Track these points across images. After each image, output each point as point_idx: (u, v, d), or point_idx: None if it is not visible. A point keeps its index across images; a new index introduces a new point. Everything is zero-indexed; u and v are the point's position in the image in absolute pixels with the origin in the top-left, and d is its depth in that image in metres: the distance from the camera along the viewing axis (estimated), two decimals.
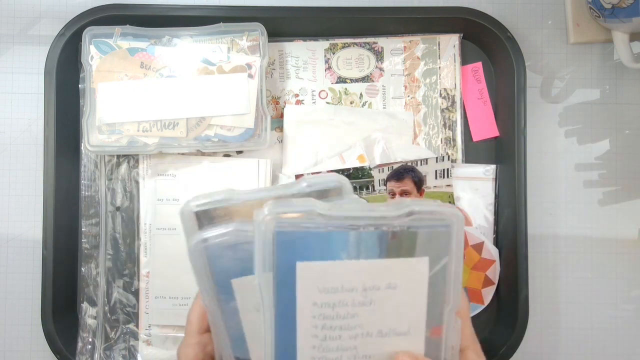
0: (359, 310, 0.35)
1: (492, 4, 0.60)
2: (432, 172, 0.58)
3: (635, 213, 0.61)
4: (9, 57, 0.60)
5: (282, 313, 0.34)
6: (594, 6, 0.56)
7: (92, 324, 0.58)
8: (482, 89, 0.60)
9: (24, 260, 0.59)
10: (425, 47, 0.60)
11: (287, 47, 0.60)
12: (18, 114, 0.59)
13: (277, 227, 0.33)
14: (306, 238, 0.34)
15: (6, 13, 0.60)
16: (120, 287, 0.58)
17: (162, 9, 0.57)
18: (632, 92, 0.61)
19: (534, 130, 0.60)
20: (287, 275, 0.34)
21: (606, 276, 0.60)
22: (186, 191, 0.57)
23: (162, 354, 0.57)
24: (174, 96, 0.55)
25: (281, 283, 0.34)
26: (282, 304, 0.34)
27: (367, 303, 0.35)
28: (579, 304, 0.60)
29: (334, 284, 0.34)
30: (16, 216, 0.59)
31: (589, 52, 0.61)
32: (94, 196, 0.58)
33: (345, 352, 0.35)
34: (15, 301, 0.59)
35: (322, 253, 0.34)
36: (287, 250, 0.33)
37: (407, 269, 0.35)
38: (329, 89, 0.59)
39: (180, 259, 0.57)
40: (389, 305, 0.35)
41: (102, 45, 0.55)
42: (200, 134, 0.55)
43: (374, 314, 0.35)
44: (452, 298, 0.36)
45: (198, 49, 0.56)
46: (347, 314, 0.35)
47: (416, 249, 0.35)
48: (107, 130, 0.55)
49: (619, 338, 0.60)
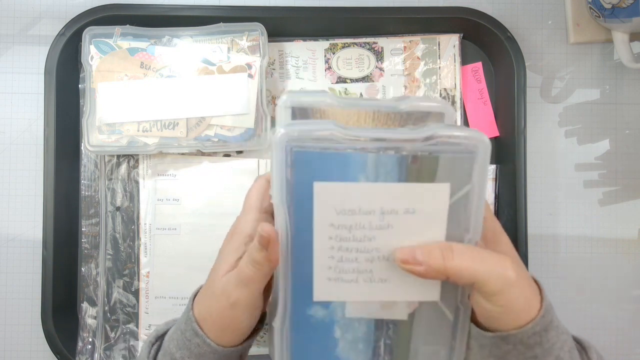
0: (377, 234, 0.34)
1: (492, 4, 0.60)
2: None
3: (635, 213, 0.61)
4: (9, 57, 0.60)
5: (299, 233, 0.34)
6: (594, 6, 0.56)
7: (92, 324, 0.58)
8: (482, 89, 0.60)
9: (24, 260, 0.59)
10: (425, 47, 0.60)
11: (287, 47, 0.60)
12: (18, 114, 0.59)
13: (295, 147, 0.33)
14: (324, 159, 0.33)
15: (6, 13, 0.60)
16: (120, 287, 0.58)
17: (162, 9, 0.57)
18: (632, 92, 0.61)
19: (534, 130, 0.60)
20: (304, 195, 0.33)
21: (606, 276, 0.60)
22: (186, 191, 0.57)
23: None
24: (174, 96, 0.55)
25: (298, 202, 0.34)
26: (298, 224, 0.34)
27: (385, 227, 0.34)
28: (579, 304, 0.60)
29: (352, 205, 0.34)
30: (16, 216, 0.59)
31: (589, 52, 0.61)
32: (94, 196, 0.58)
33: (361, 275, 0.35)
34: (15, 301, 0.59)
35: (340, 175, 0.33)
36: (304, 169, 0.33)
37: (427, 194, 0.34)
38: (329, 89, 0.59)
39: (181, 259, 0.57)
40: (407, 230, 0.34)
41: (102, 45, 0.55)
42: (200, 134, 0.55)
43: (391, 238, 0.34)
44: (473, 227, 0.35)
45: (198, 49, 0.56)
46: (364, 236, 0.34)
47: (437, 174, 0.34)
48: (107, 130, 0.55)
49: (619, 338, 0.60)
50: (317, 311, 0.35)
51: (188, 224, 0.57)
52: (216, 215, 0.57)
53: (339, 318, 0.36)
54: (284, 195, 0.34)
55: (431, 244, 0.34)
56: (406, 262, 0.33)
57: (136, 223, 0.58)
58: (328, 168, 0.33)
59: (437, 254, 0.33)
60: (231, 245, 0.38)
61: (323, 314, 0.35)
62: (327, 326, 0.36)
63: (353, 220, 0.34)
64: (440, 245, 0.33)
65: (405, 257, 0.33)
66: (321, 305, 0.35)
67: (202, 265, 0.57)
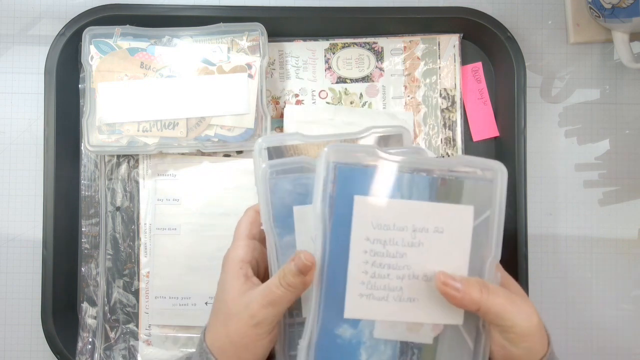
0: (408, 251, 0.36)
1: (492, 4, 0.60)
2: None
3: (635, 213, 0.61)
4: (9, 57, 0.60)
5: (336, 246, 0.35)
6: (594, 6, 0.56)
7: (92, 324, 0.58)
8: (482, 89, 0.60)
9: (24, 260, 0.59)
10: (425, 47, 0.60)
11: (287, 47, 0.60)
12: (18, 114, 0.59)
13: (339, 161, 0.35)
14: (364, 175, 0.36)
15: (6, 13, 0.60)
16: (120, 287, 0.58)
17: (162, 9, 0.57)
18: (632, 92, 0.61)
19: (534, 130, 0.60)
20: (344, 208, 0.35)
21: (606, 276, 0.60)
22: (186, 191, 0.57)
23: (162, 354, 0.57)
24: (174, 96, 0.55)
25: (338, 215, 0.35)
26: (336, 237, 0.35)
27: (416, 244, 0.36)
28: (579, 304, 0.60)
29: (387, 221, 0.36)
30: (16, 216, 0.59)
31: (589, 52, 0.61)
32: (94, 196, 0.58)
33: (392, 292, 0.36)
34: (15, 301, 0.59)
35: (377, 191, 0.36)
36: (346, 183, 0.35)
37: (454, 215, 0.37)
38: (329, 89, 0.59)
39: (181, 259, 0.57)
40: (436, 249, 0.36)
41: (102, 45, 0.55)
42: (200, 134, 0.55)
43: (421, 256, 0.36)
44: (494, 250, 0.37)
45: (198, 49, 0.56)
46: (396, 252, 0.36)
47: (462, 197, 0.37)
48: (107, 130, 0.55)
49: (619, 338, 0.60)
50: (345, 330, 0.36)
51: (188, 224, 0.57)
52: (216, 215, 0.57)
53: (366, 339, 0.36)
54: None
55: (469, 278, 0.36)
56: (446, 284, 0.35)
57: (136, 223, 0.58)
58: (367, 184, 0.36)
59: (476, 286, 0.35)
60: (228, 273, 0.39)
61: (350, 334, 0.36)
62: (353, 348, 0.36)
63: (387, 236, 0.36)
64: (478, 280, 0.36)
65: (446, 280, 0.36)
66: (349, 324, 0.36)
67: (202, 265, 0.57)
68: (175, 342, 0.57)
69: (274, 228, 0.37)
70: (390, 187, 0.36)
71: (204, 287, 0.57)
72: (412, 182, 0.36)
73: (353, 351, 0.36)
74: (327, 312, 0.35)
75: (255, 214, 0.41)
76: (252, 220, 0.41)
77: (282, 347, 0.37)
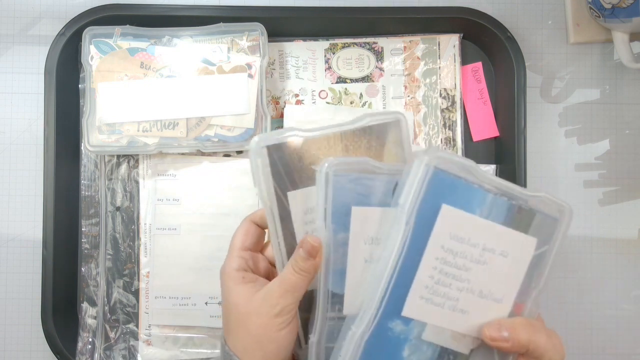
0: (473, 267, 0.38)
1: (492, 4, 0.60)
2: None
3: (635, 213, 0.61)
4: (9, 57, 0.60)
5: (412, 246, 0.37)
6: (594, 6, 0.56)
7: (92, 324, 0.58)
8: (482, 89, 0.60)
9: (24, 260, 0.59)
10: (425, 47, 0.60)
11: (287, 47, 0.60)
12: (18, 114, 0.59)
13: (437, 166, 0.37)
14: (455, 185, 0.37)
15: (6, 13, 0.60)
16: (120, 287, 0.58)
17: (162, 9, 0.57)
18: (632, 92, 0.61)
19: (534, 130, 0.60)
20: (428, 212, 0.37)
21: (606, 276, 0.60)
22: (186, 191, 0.57)
23: (162, 354, 0.57)
24: (174, 96, 0.55)
25: (421, 218, 0.37)
26: (414, 238, 0.37)
27: (482, 262, 0.38)
28: (579, 304, 0.60)
29: (464, 234, 0.38)
30: (16, 216, 0.59)
31: (589, 52, 0.61)
32: (94, 196, 0.58)
33: (448, 301, 0.38)
34: (15, 301, 0.59)
35: (463, 203, 0.38)
36: (436, 189, 0.37)
37: (520, 243, 0.39)
38: (329, 89, 0.59)
39: (181, 259, 0.57)
40: (497, 270, 0.38)
41: (102, 45, 0.55)
42: (200, 134, 0.55)
43: (483, 273, 0.38)
44: (542, 284, 0.39)
45: (198, 49, 0.56)
46: (463, 265, 0.38)
47: (530, 227, 0.39)
48: (107, 130, 0.55)
49: (619, 338, 0.60)
50: (397, 325, 0.38)
51: (188, 224, 0.57)
52: (216, 215, 0.57)
53: (412, 338, 0.38)
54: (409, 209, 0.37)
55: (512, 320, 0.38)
56: (494, 339, 0.37)
57: (136, 223, 0.58)
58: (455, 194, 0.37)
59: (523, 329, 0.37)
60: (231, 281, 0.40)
61: (400, 330, 0.38)
62: (399, 343, 0.38)
63: (460, 248, 0.38)
64: (522, 321, 0.38)
65: (493, 335, 0.37)
66: (402, 321, 0.38)
67: (202, 265, 0.57)
68: (175, 342, 0.57)
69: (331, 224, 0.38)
70: (475, 202, 0.38)
71: (204, 287, 0.57)
72: (494, 203, 0.38)
73: (398, 346, 0.38)
74: (388, 306, 0.37)
75: (249, 225, 0.42)
76: (245, 232, 0.42)
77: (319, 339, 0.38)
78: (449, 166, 0.37)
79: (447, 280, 0.38)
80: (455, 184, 0.37)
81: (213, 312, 0.57)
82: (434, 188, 0.37)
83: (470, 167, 0.38)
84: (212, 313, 0.57)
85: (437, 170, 0.37)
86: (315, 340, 0.38)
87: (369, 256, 0.38)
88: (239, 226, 0.43)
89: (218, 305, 0.57)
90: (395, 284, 0.37)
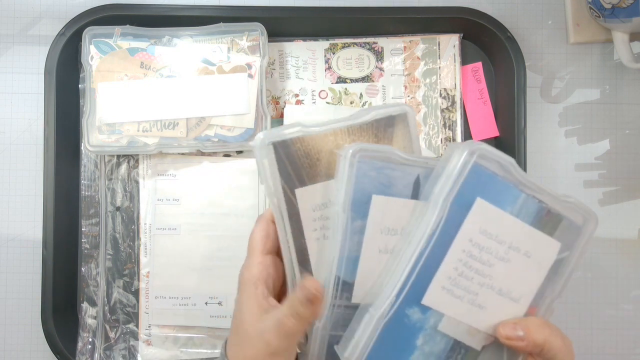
0: (497, 263, 0.38)
1: (492, 4, 0.60)
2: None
3: (635, 213, 0.61)
4: (9, 57, 0.60)
5: (440, 238, 0.37)
6: (594, 6, 0.56)
7: (92, 324, 0.58)
8: (482, 89, 0.60)
9: (24, 260, 0.59)
10: (425, 47, 0.60)
11: (287, 47, 0.60)
12: (18, 114, 0.59)
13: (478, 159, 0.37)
14: (491, 181, 0.38)
15: (6, 13, 0.60)
16: (120, 287, 0.58)
17: (162, 9, 0.57)
18: (632, 92, 0.61)
19: (534, 130, 0.60)
20: (462, 205, 0.37)
21: (606, 276, 0.60)
22: (186, 191, 0.57)
23: (162, 354, 0.57)
24: (174, 96, 0.55)
25: (454, 209, 0.37)
26: (445, 230, 0.37)
27: (506, 260, 0.38)
28: (579, 304, 0.60)
29: (493, 230, 0.38)
30: (16, 216, 0.59)
31: (589, 52, 0.61)
32: (94, 196, 0.58)
33: (468, 295, 0.38)
34: (15, 301, 0.59)
35: (495, 199, 0.38)
36: (473, 182, 0.37)
37: (544, 245, 0.39)
38: (329, 89, 0.60)
39: (181, 259, 0.57)
40: (519, 269, 0.39)
41: (102, 45, 0.55)
42: (200, 134, 0.55)
43: (505, 271, 0.38)
44: (559, 290, 0.40)
45: (198, 49, 0.56)
46: (487, 261, 0.38)
47: (556, 232, 0.39)
48: (107, 130, 0.55)
49: (619, 338, 0.60)
50: (414, 313, 0.38)
51: (188, 224, 0.57)
52: (216, 215, 0.57)
53: (428, 327, 0.38)
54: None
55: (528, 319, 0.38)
56: (510, 338, 0.37)
57: (136, 223, 0.58)
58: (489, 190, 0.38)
59: (539, 329, 0.37)
60: (245, 294, 0.39)
61: (417, 318, 0.38)
62: (414, 331, 0.38)
63: (487, 244, 0.38)
64: (538, 322, 0.38)
65: (508, 334, 0.37)
66: (420, 309, 0.38)
67: (202, 265, 0.57)
68: (175, 342, 0.57)
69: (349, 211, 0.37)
70: (507, 201, 0.38)
71: (203, 287, 0.57)
72: (525, 203, 0.38)
73: (414, 333, 0.38)
74: (410, 293, 0.37)
75: (268, 225, 0.40)
76: (265, 234, 0.40)
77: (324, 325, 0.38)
78: (488, 160, 0.37)
79: (470, 274, 0.38)
80: (492, 179, 0.38)
81: (213, 312, 0.57)
82: (471, 181, 0.37)
83: (510, 164, 0.38)
84: (212, 313, 0.57)
85: (477, 163, 0.37)
86: (321, 326, 0.38)
87: (384, 246, 0.38)
88: (257, 227, 0.41)
89: (218, 305, 0.57)
90: (419, 271, 0.37)
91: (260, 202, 0.57)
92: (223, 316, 0.57)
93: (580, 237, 0.40)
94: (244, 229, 0.57)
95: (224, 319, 0.57)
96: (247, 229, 0.42)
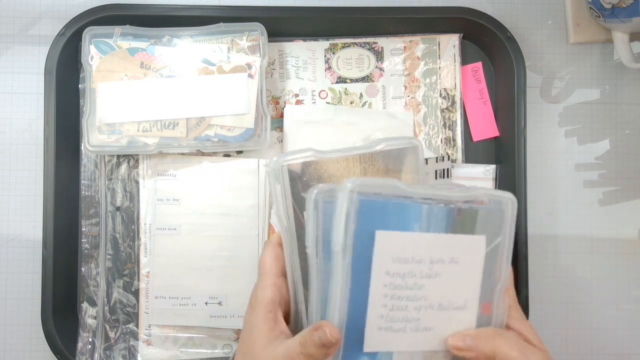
0: (425, 282, 0.37)
1: (492, 4, 0.60)
2: (432, 172, 0.58)
3: (635, 213, 0.61)
4: (9, 57, 0.60)
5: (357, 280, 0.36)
6: (594, 6, 0.56)
7: (92, 324, 0.58)
8: (482, 89, 0.60)
9: (24, 260, 0.59)
10: (425, 47, 0.60)
11: (287, 47, 0.60)
12: (18, 114, 0.59)
13: (360, 195, 0.35)
14: (385, 207, 0.36)
15: (6, 13, 0.60)
16: (120, 287, 0.58)
17: (162, 9, 0.57)
18: (632, 92, 0.61)
19: (534, 130, 0.60)
20: (364, 242, 0.35)
21: (606, 276, 0.60)
22: (186, 191, 0.57)
23: (162, 354, 0.57)
24: (174, 96, 0.55)
25: (359, 249, 0.35)
26: (357, 271, 0.35)
27: (433, 275, 0.37)
28: (579, 304, 0.60)
29: (407, 254, 0.36)
30: (16, 216, 0.59)
31: (589, 52, 0.61)
32: (94, 196, 0.58)
33: (409, 324, 0.37)
34: (15, 301, 0.59)
35: (398, 223, 0.36)
36: (367, 218, 0.35)
37: (468, 245, 0.38)
38: (329, 89, 0.60)
39: (181, 259, 0.57)
40: (451, 279, 0.38)
41: (102, 45, 0.55)
42: (200, 134, 0.55)
43: (437, 286, 0.37)
44: (503, 277, 0.39)
45: (198, 49, 0.56)
46: (414, 284, 0.37)
47: (476, 225, 0.38)
48: (107, 130, 0.55)
49: (619, 338, 0.60)
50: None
51: (188, 224, 0.57)
52: (216, 215, 0.57)
53: None
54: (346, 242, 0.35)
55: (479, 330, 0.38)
56: (459, 349, 0.37)
57: (136, 223, 0.58)
58: (388, 216, 0.36)
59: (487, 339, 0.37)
60: (257, 316, 0.38)
61: None
62: None
63: (406, 269, 0.36)
64: (488, 331, 0.37)
65: (457, 345, 0.37)
66: (368, 356, 0.36)
67: (202, 265, 0.57)
68: (175, 342, 0.57)
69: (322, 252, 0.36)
70: (410, 219, 0.36)
71: (204, 287, 0.57)
72: (431, 214, 0.37)
73: None
74: (347, 345, 0.35)
75: (279, 249, 0.40)
76: (275, 255, 0.40)
77: None
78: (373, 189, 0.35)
79: (402, 304, 0.36)
80: (386, 206, 0.36)
81: (213, 312, 0.57)
82: (364, 216, 0.35)
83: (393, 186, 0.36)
84: (212, 313, 0.57)
85: (362, 197, 0.35)
86: None
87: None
88: (266, 250, 0.41)
89: (218, 305, 0.57)
90: (348, 324, 0.35)
91: (260, 202, 0.57)
92: (223, 316, 0.57)
93: (507, 220, 0.39)
94: (244, 229, 0.57)
95: (224, 319, 0.57)
96: (247, 229, 0.42)
